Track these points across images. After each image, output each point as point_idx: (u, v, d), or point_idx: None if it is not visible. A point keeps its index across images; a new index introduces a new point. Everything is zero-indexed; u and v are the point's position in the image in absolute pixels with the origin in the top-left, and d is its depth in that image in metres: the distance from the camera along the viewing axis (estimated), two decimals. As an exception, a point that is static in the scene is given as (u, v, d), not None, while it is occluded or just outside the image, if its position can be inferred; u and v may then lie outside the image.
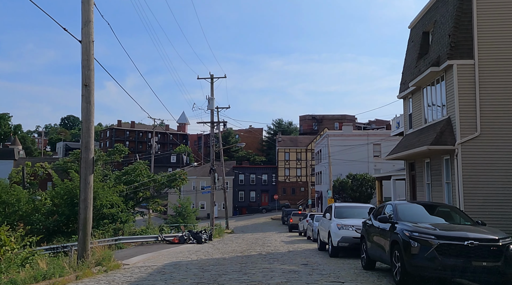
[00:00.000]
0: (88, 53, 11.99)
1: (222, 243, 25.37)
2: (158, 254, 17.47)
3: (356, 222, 14.12)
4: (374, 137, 54.88)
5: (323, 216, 17.25)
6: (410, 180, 21.67)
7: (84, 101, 11.89)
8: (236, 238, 30.96)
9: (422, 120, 19.71)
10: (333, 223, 14.51)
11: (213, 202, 36.09)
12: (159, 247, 21.82)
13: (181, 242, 24.78)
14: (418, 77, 18.61)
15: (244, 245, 22.58)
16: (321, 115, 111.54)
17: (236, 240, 27.92)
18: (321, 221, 16.97)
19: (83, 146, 11.83)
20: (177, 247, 21.39)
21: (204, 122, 36.81)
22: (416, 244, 7.60)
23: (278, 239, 28.13)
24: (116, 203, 24.70)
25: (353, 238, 13.56)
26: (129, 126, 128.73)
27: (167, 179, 34.99)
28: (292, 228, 40.67)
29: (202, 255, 16.48)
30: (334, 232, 14.02)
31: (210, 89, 36.64)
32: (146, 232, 25.71)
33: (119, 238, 22.23)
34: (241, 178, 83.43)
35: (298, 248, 19.30)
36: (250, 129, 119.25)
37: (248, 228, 51.86)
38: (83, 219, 11.56)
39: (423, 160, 19.50)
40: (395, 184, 29.06)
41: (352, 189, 47.60)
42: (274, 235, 34.36)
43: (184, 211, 43.06)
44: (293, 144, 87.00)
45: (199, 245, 23.55)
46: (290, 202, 79.20)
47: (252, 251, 17.75)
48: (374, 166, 54.08)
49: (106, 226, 23.56)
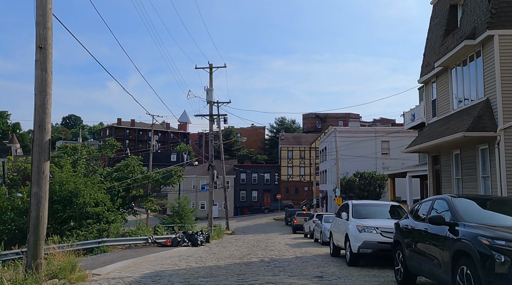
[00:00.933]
0: (44, 7, 9.41)
1: (220, 245, 22.78)
2: (142, 259, 14.88)
3: (381, 223, 11.51)
4: (382, 134, 52.14)
5: (337, 216, 14.64)
6: (434, 175, 19.04)
7: (39, 68, 9.34)
8: (236, 240, 28.39)
9: (450, 106, 17.07)
10: (352, 224, 11.90)
11: (212, 201, 33.48)
12: (147, 250, 19.23)
13: (174, 245, 22.18)
14: (448, 54, 15.97)
15: (244, 248, 20.01)
16: (324, 114, 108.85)
17: (236, 243, 25.34)
18: (335, 222, 14.34)
19: (36, 124, 9.25)
20: (167, 251, 18.80)
21: (202, 115, 34.24)
22: (504, 258, 4.94)
23: (282, 241, 25.54)
24: (102, 201, 22.16)
25: (378, 243, 10.96)
26: (129, 125, 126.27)
27: (162, 176, 32.44)
28: (297, 229, 38.05)
29: (193, 262, 13.89)
30: (354, 235, 11.42)
31: (209, 80, 34.09)
32: (136, 233, 23.13)
33: (103, 240, 19.67)
34: (242, 177, 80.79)
35: (307, 253, 16.68)
36: (252, 127, 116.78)
37: (250, 228, 49.26)
38: (35, 218, 8.96)
39: (450, 152, 16.88)
40: (411, 182, 26.42)
41: (360, 188, 44.95)
42: (277, 237, 31.76)
43: (181, 211, 40.57)
44: (297, 142, 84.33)
45: (194, 249, 20.96)
46: (293, 202, 76.54)
47: (252, 257, 15.16)
48: (382, 163, 51.36)
49: (90, 226, 21.02)
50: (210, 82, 33.92)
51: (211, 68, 34.18)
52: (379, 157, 51.68)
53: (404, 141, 51.42)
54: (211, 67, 34.17)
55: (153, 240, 21.89)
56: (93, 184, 22.49)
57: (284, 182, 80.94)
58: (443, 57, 16.43)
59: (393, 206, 13.47)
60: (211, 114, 33.99)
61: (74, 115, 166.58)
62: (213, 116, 34.23)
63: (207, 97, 33.37)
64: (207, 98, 33.40)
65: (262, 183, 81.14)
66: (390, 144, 51.77)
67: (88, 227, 20.84)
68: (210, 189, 33.46)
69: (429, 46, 19.57)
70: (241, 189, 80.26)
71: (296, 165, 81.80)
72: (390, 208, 13.33)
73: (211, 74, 34.14)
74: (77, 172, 22.73)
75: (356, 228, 11.48)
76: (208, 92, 33.29)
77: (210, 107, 33.93)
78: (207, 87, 33.46)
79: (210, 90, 33.35)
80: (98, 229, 20.79)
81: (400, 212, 12.78)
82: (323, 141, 65.65)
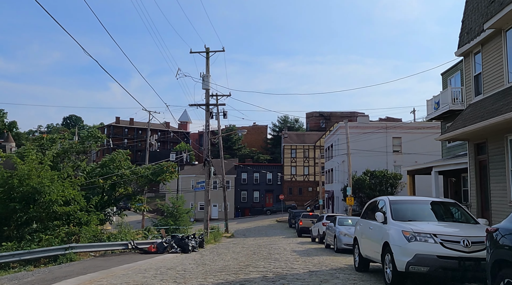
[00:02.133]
0: None
1: (214, 252, 19.22)
2: (106, 274, 11.32)
3: (439, 228, 7.93)
4: (394, 129, 48.45)
5: (363, 217, 11.03)
6: (477, 168, 15.42)
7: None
8: (235, 245, 24.83)
9: (504, 78, 13.46)
10: (394, 229, 8.30)
11: (209, 201, 29.90)
12: (123, 259, 15.68)
13: (160, 251, 18.63)
14: (504, 10, 12.38)
15: (242, 256, 16.44)
16: (329, 112, 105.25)
17: (234, 248, 21.78)
18: (362, 226, 10.70)
19: None
20: (148, 260, 15.24)
21: (198, 105, 30.68)
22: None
23: (288, 246, 21.95)
24: (74, 199, 18.62)
25: (438, 258, 7.37)
26: (128, 124, 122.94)
27: (152, 172, 28.84)
28: (302, 232, 34.47)
29: (171, 279, 10.31)
30: (399, 246, 7.82)
31: (206, 65, 30.55)
32: (117, 237, 19.54)
33: (70, 246, 16.10)
34: (243, 177, 77.16)
35: (322, 264, 13.08)
36: (254, 126, 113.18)
37: (251, 231, 45.64)
38: None
39: (504, 137, 13.27)
40: (437, 179, 22.76)
41: (370, 187, 41.28)
42: (281, 241, 28.18)
43: (176, 211, 37.09)
44: (300, 140, 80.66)
45: (182, 256, 17.39)
46: (297, 203, 72.87)
47: (252, 271, 11.59)
48: (393, 161, 47.73)
49: (58, 229, 17.45)
50: (206, 68, 30.38)
51: (208, 53, 30.66)
52: (390, 154, 48.04)
53: (417, 137, 47.89)
54: (207, 51, 30.66)
55: (134, 246, 18.33)
56: (63, 179, 18.97)
57: (287, 182, 77.27)
58: (497, 16, 12.84)
59: (447, 203, 9.85)
60: (207, 103, 30.46)
61: (75, 116, 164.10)
62: (210, 105, 30.69)
63: (203, 84, 29.82)
64: (203, 86, 29.86)
65: (264, 183, 77.47)
66: (402, 140, 48.16)
67: (55, 230, 17.30)
68: (206, 186, 29.88)
69: (470, 9, 15.97)
70: (242, 189, 76.62)
71: (300, 164, 78.11)
72: (443, 206, 9.74)
73: (207, 59, 30.62)
74: (44, 163, 19.14)
75: (403, 234, 7.88)
76: (204, 79, 29.74)
77: (207, 96, 30.42)
78: (203, 73, 29.93)
79: (207, 77, 29.79)
80: (67, 232, 17.24)
81: (458, 213, 9.21)
82: (328, 138, 62.02)
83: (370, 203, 10.95)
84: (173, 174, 29.59)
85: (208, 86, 29.91)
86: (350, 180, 34.10)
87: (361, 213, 11.66)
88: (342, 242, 17.37)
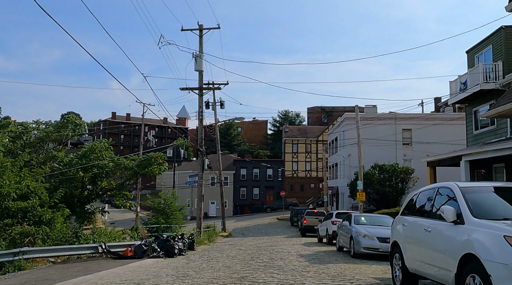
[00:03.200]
0: None
1: (205, 256, 15.91)
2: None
3: None
4: (403, 121, 45.07)
5: (406, 214, 7.69)
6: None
7: None
8: (231, 246, 21.51)
9: None
10: (483, 233, 4.95)
11: (202, 196, 26.54)
12: (86, 267, 12.35)
13: (138, 256, 15.31)
14: None
15: (238, 262, 13.13)
16: (331, 107, 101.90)
17: (229, 251, 18.47)
18: (408, 226, 7.24)
19: None
20: (115, 269, 11.91)
21: (190, 88, 27.31)
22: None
23: (292, 249, 18.63)
24: (35, 192, 15.30)
25: None
26: (124, 119, 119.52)
27: (138, 164, 25.46)
28: (307, 231, 31.17)
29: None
30: (503, 264, 4.50)
31: (199, 44, 27.18)
32: (89, 239, 16.20)
33: (22, 251, 12.77)
34: (243, 173, 73.75)
35: (343, 277, 9.75)
36: (254, 121, 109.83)
37: (250, 230, 42.31)
38: None
39: None
40: (467, 170, 19.34)
41: (380, 182, 37.95)
42: (283, 242, 24.87)
43: (167, 208, 33.69)
44: (302, 134, 77.23)
45: (163, 263, 14.07)
46: (299, 200, 69.50)
47: (249, 288, 8.27)
48: (403, 155, 44.42)
49: (9, 228, 14.11)
50: (200, 47, 27.00)
51: (201, 30, 27.28)
52: (399, 147, 44.70)
53: (429, 129, 44.63)
54: (201, 28, 27.27)
55: (106, 249, 14.98)
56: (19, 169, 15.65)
57: (288, 178, 73.89)
58: None
59: None
60: (201, 87, 27.10)
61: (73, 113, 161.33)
62: (204, 89, 27.32)
63: (195, 65, 26.47)
64: (196, 67, 26.50)
65: (264, 179, 74.09)
66: (413, 132, 44.80)
67: (6, 230, 13.98)
68: (199, 180, 26.53)
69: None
70: (241, 186, 73.23)
71: (302, 159, 74.71)
72: None
73: (201, 38, 27.25)
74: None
75: (508, 243, 4.56)
76: (197, 59, 26.36)
77: (200, 78, 27.07)
78: (196, 53, 26.54)
79: (200, 57, 26.42)
80: (21, 233, 13.90)
81: None
82: (332, 132, 58.67)
83: (420, 194, 7.58)
84: (162, 166, 26.21)
85: (202, 67, 26.53)
86: (361, 173, 30.74)
87: (401, 209, 8.31)
88: (361, 245, 14.06)
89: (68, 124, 25.17)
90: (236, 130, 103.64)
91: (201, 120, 27.03)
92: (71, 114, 25.28)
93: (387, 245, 13.82)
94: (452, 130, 41.94)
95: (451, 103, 24.78)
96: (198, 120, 27.04)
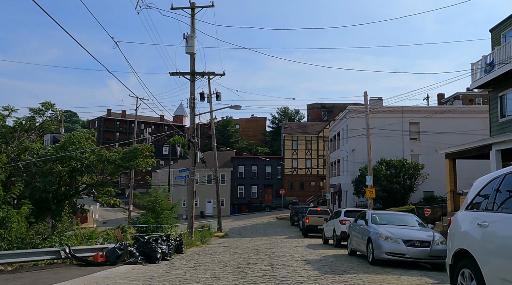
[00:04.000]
0: None
1: (192, 262, 13.28)
2: None
3: None
4: (411, 114, 42.49)
5: (491, 210, 5.08)
6: None
7: None
8: (225, 249, 18.86)
9: None
10: None
11: (194, 193, 23.93)
12: (38, 278, 9.71)
13: (111, 262, 12.67)
14: None
15: (231, 271, 10.51)
16: (331, 104, 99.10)
17: (222, 254, 15.84)
18: (503, 226, 4.73)
19: None
20: (70, 282, 9.26)
21: (181, 73, 24.63)
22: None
23: (295, 252, 16.00)
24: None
25: None
26: (119, 117, 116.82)
27: (122, 156, 22.81)
28: (309, 231, 28.55)
29: None
30: None
31: (191, 24, 24.54)
32: (52, 241, 13.56)
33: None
34: (240, 170, 71.08)
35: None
36: (253, 118, 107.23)
37: (248, 230, 39.63)
38: None
39: None
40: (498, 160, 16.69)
41: (387, 179, 35.34)
42: (284, 243, 22.21)
43: (158, 207, 31.02)
44: (302, 130, 74.58)
45: (139, 271, 11.43)
46: (299, 198, 66.87)
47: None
48: (410, 150, 41.83)
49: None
50: (191, 28, 24.36)
51: (193, 9, 24.65)
52: (406, 142, 42.13)
53: (438, 122, 42.07)
54: (193, 7, 24.63)
55: (70, 254, 12.31)
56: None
57: (288, 176, 71.23)
58: None
59: None
60: (192, 72, 24.45)
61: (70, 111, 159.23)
62: (196, 75, 24.67)
63: (186, 47, 23.80)
64: (187, 49, 23.84)
65: (262, 177, 71.41)
66: (421, 126, 42.22)
67: None
68: (190, 175, 23.85)
69: None
70: (238, 184, 70.54)
71: (302, 156, 72.06)
72: None
73: (192, 17, 24.63)
74: None
75: None
76: (188, 41, 23.69)
77: (192, 62, 24.45)
78: (187, 34, 23.87)
79: (191, 38, 23.76)
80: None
81: None
82: (334, 127, 56.13)
83: (506, 176, 4.98)
84: (149, 160, 23.55)
85: (194, 49, 23.88)
86: (370, 167, 28.18)
87: (467, 201, 5.68)
88: (382, 249, 11.41)
89: (42, 110, 22.46)
90: (234, 127, 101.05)
91: (193, 108, 24.33)
92: (46, 102, 22.74)
93: (415, 250, 11.21)
94: (464, 123, 39.44)
95: (472, 88, 22.19)
96: (189, 108, 24.35)
